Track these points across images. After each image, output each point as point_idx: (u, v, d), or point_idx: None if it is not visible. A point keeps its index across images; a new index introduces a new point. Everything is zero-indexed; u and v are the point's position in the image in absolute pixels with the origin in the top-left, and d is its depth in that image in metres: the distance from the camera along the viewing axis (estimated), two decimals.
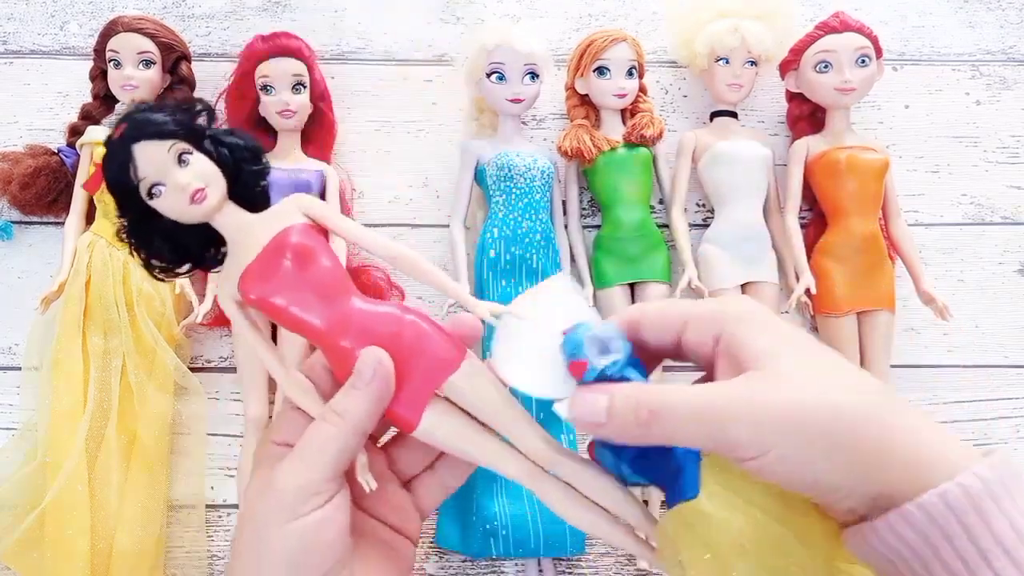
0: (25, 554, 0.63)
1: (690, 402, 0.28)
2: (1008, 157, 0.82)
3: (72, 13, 0.81)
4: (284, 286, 0.34)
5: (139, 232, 0.35)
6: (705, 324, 0.30)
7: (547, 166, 0.73)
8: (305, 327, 0.34)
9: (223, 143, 0.36)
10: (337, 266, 0.35)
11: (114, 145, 0.34)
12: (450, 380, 0.34)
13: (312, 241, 0.35)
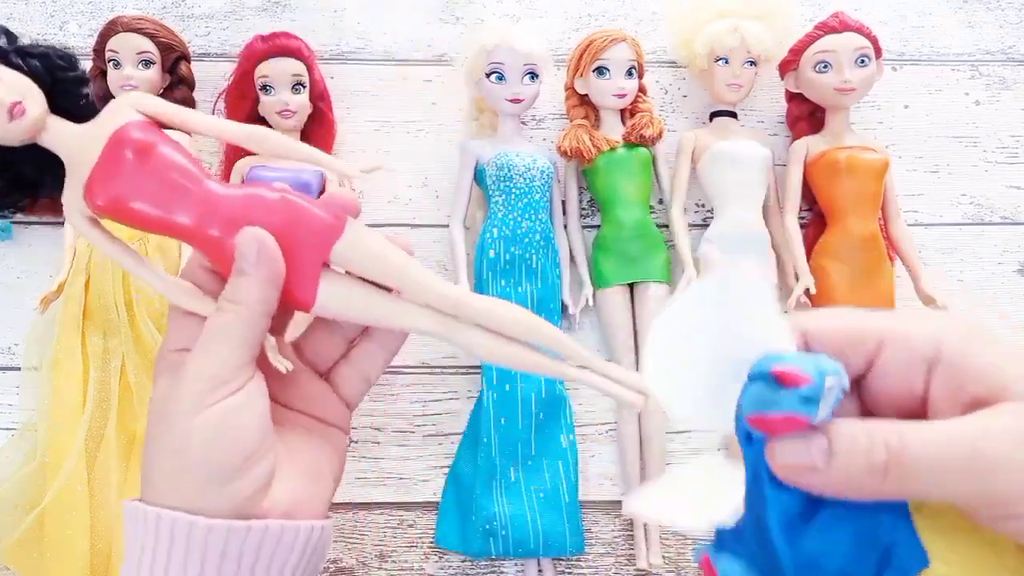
0: (25, 554, 0.63)
1: (948, 441, 0.21)
2: (1008, 157, 0.82)
3: (72, 13, 0.81)
4: (133, 186, 0.32)
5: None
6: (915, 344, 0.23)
7: (547, 166, 0.73)
8: (169, 226, 0.32)
9: (31, 54, 0.33)
10: (184, 154, 0.33)
11: None
12: (335, 249, 0.32)
13: (153, 134, 0.33)
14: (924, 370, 0.23)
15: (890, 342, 0.23)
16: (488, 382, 0.71)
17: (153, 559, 0.29)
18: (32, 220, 0.76)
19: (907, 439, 0.21)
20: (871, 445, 0.21)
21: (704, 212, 0.80)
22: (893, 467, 0.21)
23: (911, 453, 0.21)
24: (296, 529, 0.30)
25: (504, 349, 0.32)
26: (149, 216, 0.32)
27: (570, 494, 0.69)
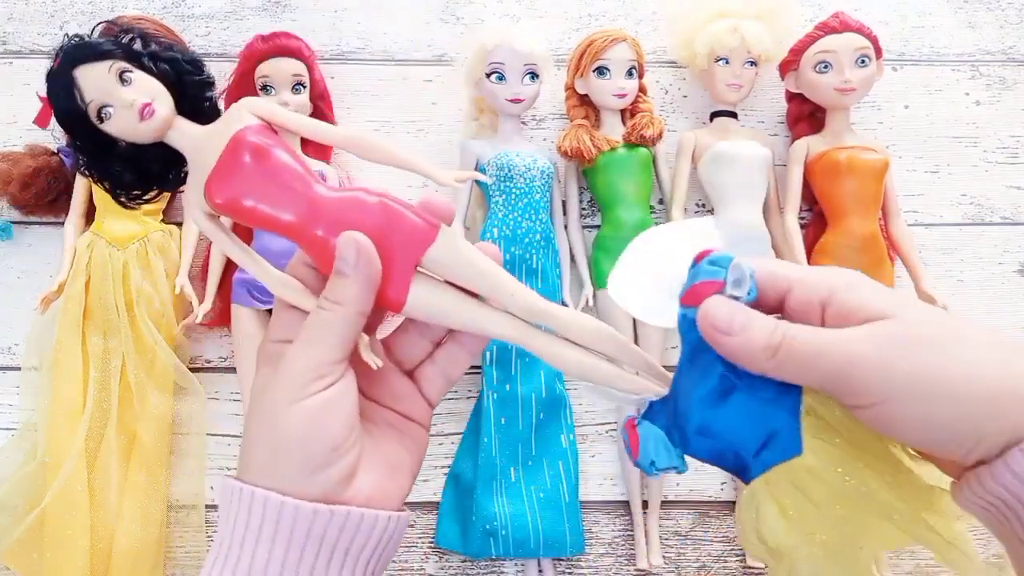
0: (25, 554, 0.63)
1: (821, 338, 0.28)
2: (1008, 157, 0.82)
3: (72, 13, 0.81)
4: (248, 185, 0.34)
5: (98, 161, 0.36)
6: (814, 287, 0.29)
7: (547, 166, 0.73)
8: (277, 223, 0.34)
9: (162, 58, 0.36)
10: (297, 158, 0.35)
11: (55, 75, 0.35)
12: (429, 253, 0.34)
13: (268, 138, 0.35)
14: (819, 308, 0.29)
15: (796, 285, 0.30)
16: (488, 382, 0.71)
17: (245, 532, 0.31)
18: (32, 220, 0.76)
19: (797, 333, 0.28)
20: (773, 330, 0.28)
21: (704, 212, 0.80)
22: (782, 349, 0.28)
23: (797, 342, 0.28)
24: (375, 517, 0.32)
25: (580, 358, 0.34)
26: (261, 214, 0.34)
27: (570, 494, 0.69)
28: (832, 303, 0.29)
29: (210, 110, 0.37)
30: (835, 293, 0.29)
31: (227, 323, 0.72)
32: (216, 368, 0.73)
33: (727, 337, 0.29)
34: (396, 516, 0.33)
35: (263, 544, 0.31)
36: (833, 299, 0.29)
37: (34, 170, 0.72)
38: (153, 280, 0.70)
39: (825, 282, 0.29)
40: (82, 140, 0.35)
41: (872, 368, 0.27)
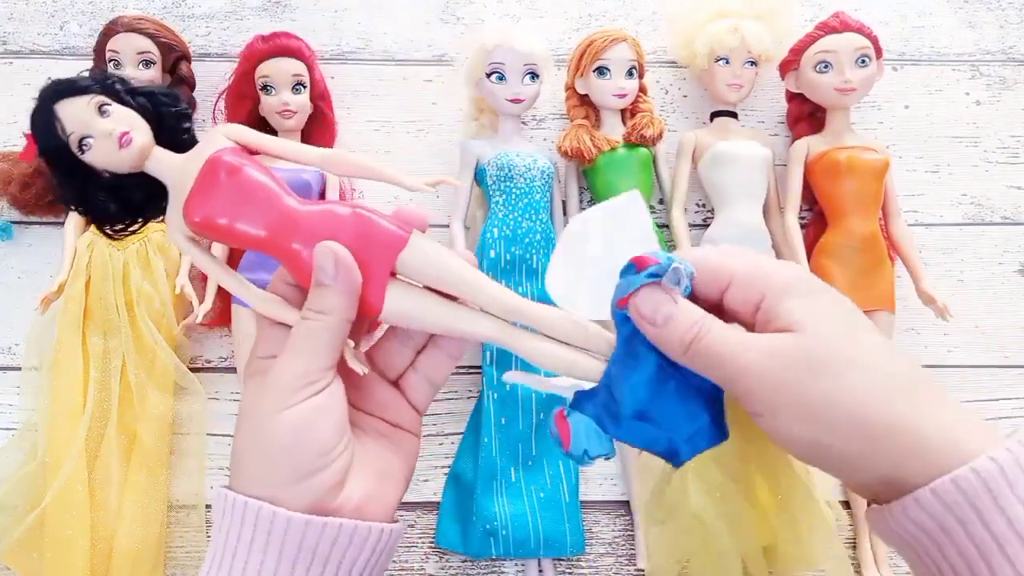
0: (25, 554, 0.63)
1: (726, 342, 0.29)
2: (1008, 157, 0.82)
3: (72, 13, 0.81)
4: (223, 204, 0.35)
5: (81, 194, 0.37)
6: (749, 288, 0.30)
7: (547, 166, 0.73)
8: (253, 240, 0.35)
9: (139, 92, 0.38)
10: (268, 175, 0.36)
11: (37, 111, 0.37)
12: (402, 258, 0.34)
13: (242, 159, 0.36)
14: (753, 309, 0.30)
15: (734, 283, 0.31)
16: (488, 382, 0.71)
17: (237, 543, 0.31)
18: (32, 220, 0.76)
19: (710, 334, 0.29)
20: (690, 326, 0.30)
21: (704, 212, 0.80)
22: (693, 346, 0.29)
23: (705, 343, 0.29)
24: (368, 530, 0.32)
25: (561, 353, 0.34)
26: (236, 231, 0.35)
27: (570, 494, 0.69)
28: (761, 307, 0.30)
29: (188, 141, 0.38)
30: (765, 297, 0.30)
31: (227, 323, 0.72)
32: (216, 368, 0.73)
33: (652, 327, 0.30)
34: (389, 528, 0.34)
35: (255, 555, 0.31)
36: (762, 303, 0.30)
37: (34, 170, 0.72)
38: (153, 280, 0.70)
39: (761, 283, 0.30)
40: (64, 173, 0.37)
41: (762, 382, 0.28)
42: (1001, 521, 0.25)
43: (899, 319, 0.73)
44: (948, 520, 0.26)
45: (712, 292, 0.31)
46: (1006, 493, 0.25)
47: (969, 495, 0.25)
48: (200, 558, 0.68)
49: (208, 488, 0.70)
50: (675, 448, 0.31)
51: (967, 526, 0.25)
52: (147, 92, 0.38)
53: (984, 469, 0.25)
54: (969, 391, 0.76)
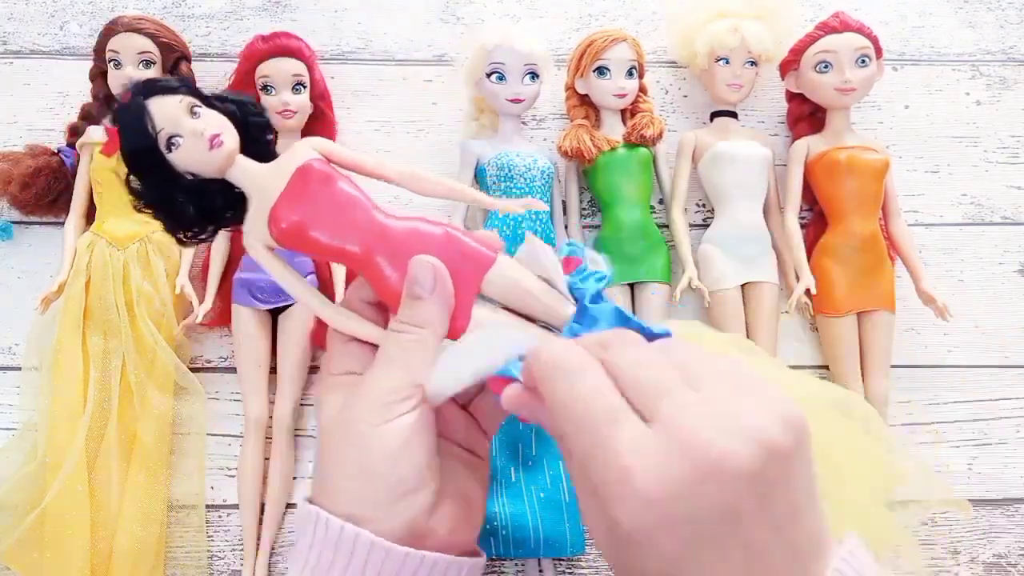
0: (25, 554, 0.63)
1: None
2: (1008, 157, 0.82)
3: (72, 13, 0.81)
4: (313, 216, 0.34)
5: (160, 195, 0.36)
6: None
7: (547, 166, 0.73)
8: (339, 251, 0.35)
9: (228, 99, 0.37)
10: (358, 189, 0.36)
11: (127, 106, 0.35)
12: (487, 277, 0.34)
13: (332, 170, 0.36)
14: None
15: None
16: None
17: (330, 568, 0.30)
18: (32, 220, 0.76)
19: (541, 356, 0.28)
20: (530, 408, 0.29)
21: (704, 212, 0.80)
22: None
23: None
24: (460, 565, 0.32)
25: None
26: (324, 243, 0.35)
27: (570, 494, 0.69)
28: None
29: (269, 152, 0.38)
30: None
31: (227, 323, 0.72)
32: (216, 368, 0.73)
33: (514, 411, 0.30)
34: (480, 563, 0.33)
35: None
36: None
37: (34, 170, 0.72)
38: (153, 280, 0.70)
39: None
40: (148, 172, 0.36)
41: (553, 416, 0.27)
42: None
43: (899, 319, 0.73)
44: None
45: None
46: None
47: None
48: (200, 558, 0.68)
49: (208, 488, 0.70)
50: None
51: None
52: (236, 100, 0.37)
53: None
54: (969, 391, 0.76)
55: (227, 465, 0.71)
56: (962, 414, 0.75)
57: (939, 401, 0.75)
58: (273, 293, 0.69)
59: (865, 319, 0.73)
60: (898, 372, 0.74)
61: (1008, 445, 0.74)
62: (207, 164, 0.35)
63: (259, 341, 0.70)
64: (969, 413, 0.75)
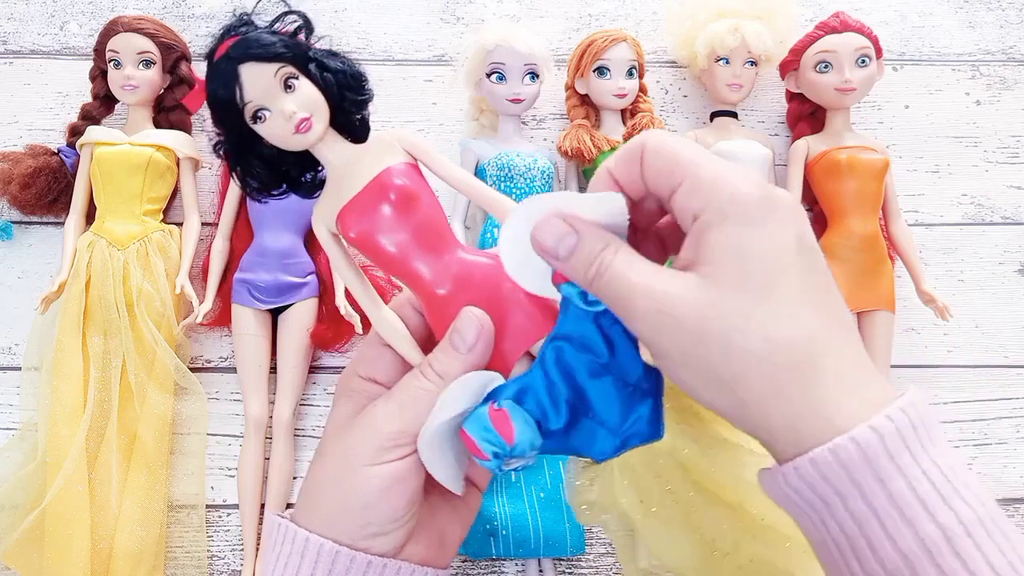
0: (25, 554, 0.63)
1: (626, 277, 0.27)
2: (1008, 157, 0.82)
3: (72, 13, 0.81)
4: (385, 227, 0.33)
5: (238, 155, 0.35)
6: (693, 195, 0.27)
7: (547, 166, 0.73)
8: (403, 270, 0.34)
9: (329, 69, 0.36)
10: (439, 212, 0.34)
11: (220, 63, 0.34)
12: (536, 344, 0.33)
13: (415, 185, 0.34)
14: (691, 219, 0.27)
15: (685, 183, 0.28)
16: None
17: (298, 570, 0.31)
18: (32, 220, 0.76)
19: (610, 268, 0.27)
20: (593, 259, 0.28)
21: None
22: (595, 281, 0.28)
23: (606, 279, 0.27)
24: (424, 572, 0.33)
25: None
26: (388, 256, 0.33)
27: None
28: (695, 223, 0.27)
29: (361, 128, 0.36)
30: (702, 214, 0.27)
31: (227, 323, 0.72)
32: (216, 368, 0.73)
33: (556, 261, 0.29)
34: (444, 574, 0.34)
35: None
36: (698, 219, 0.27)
37: (34, 170, 0.72)
38: (153, 280, 0.70)
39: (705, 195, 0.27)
40: (229, 131, 0.34)
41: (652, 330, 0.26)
42: (882, 495, 0.24)
43: (899, 319, 0.73)
44: (827, 492, 0.24)
45: (663, 188, 0.28)
46: (885, 465, 0.24)
47: (848, 467, 0.24)
48: (200, 558, 0.68)
49: (208, 488, 0.70)
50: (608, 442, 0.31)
51: (846, 500, 0.24)
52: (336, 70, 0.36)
53: (863, 439, 0.24)
54: (969, 391, 0.76)
55: (227, 465, 0.71)
56: (962, 414, 0.75)
57: (939, 401, 0.75)
58: (273, 293, 0.69)
59: (865, 319, 0.73)
60: (898, 372, 0.74)
61: (1008, 445, 0.74)
62: (291, 144, 0.34)
63: (259, 341, 0.70)
64: (969, 413, 0.75)
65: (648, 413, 0.30)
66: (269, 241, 0.70)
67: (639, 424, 0.30)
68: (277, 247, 0.70)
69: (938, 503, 0.23)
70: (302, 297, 0.70)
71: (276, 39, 0.35)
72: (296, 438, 0.71)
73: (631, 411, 0.30)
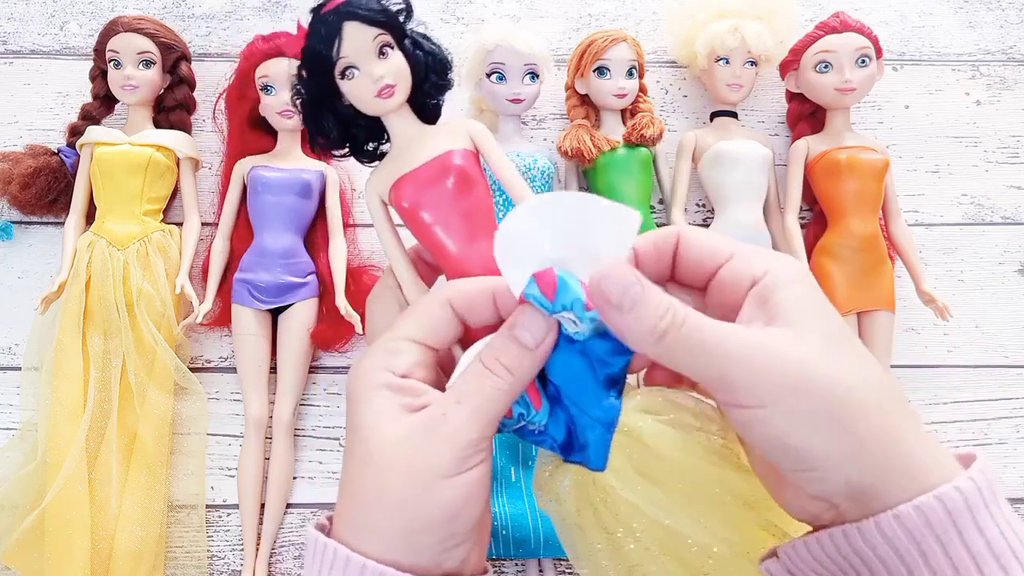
0: (25, 554, 0.63)
1: (708, 330, 0.26)
2: (1008, 157, 0.82)
3: (72, 13, 0.81)
4: (436, 203, 0.34)
5: (316, 106, 0.36)
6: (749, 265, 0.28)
7: (547, 166, 0.73)
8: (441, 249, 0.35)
9: (421, 47, 0.37)
10: (488, 202, 0.36)
11: (325, 16, 0.35)
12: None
13: (472, 171, 0.35)
14: (748, 285, 0.28)
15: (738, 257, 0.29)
16: None
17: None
18: (32, 220, 0.76)
19: (689, 320, 0.26)
20: (664, 312, 0.26)
21: (704, 212, 0.80)
22: (670, 333, 0.26)
23: (685, 330, 0.26)
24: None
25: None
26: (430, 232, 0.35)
27: None
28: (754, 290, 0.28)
29: (433, 111, 0.38)
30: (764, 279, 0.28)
31: (227, 323, 0.72)
32: (216, 368, 0.73)
33: (615, 312, 0.27)
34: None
35: None
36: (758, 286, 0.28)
37: (34, 170, 0.72)
38: (153, 280, 0.70)
39: (762, 264, 0.28)
40: (314, 82, 0.36)
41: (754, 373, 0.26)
42: (980, 541, 0.25)
43: (899, 319, 0.73)
44: (927, 539, 0.25)
45: (704, 266, 0.29)
46: (983, 513, 0.25)
47: (953, 514, 0.25)
48: (200, 558, 0.68)
49: (208, 488, 0.70)
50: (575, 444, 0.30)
51: (947, 546, 0.25)
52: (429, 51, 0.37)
53: (966, 489, 0.25)
54: (969, 391, 0.76)
55: (227, 465, 0.71)
56: (962, 414, 0.75)
57: (939, 401, 0.75)
58: (273, 293, 0.69)
59: (865, 319, 0.73)
60: (898, 372, 0.74)
61: (1008, 445, 0.74)
62: (369, 106, 0.35)
63: (259, 341, 0.70)
64: (969, 413, 0.75)
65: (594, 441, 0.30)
66: (269, 241, 0.71)
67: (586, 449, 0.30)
68: (277, 247, 0.70)
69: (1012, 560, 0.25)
70: (302, 297, 0.70)
71: (382, 7, 0.36)
72: (296, 438, 0.71)
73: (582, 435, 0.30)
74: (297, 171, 0.72)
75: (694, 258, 0.29)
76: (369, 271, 0.73)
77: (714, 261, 0.29)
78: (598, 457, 0.30)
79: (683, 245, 0.30)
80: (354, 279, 0.71)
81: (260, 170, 0.71)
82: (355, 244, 0.74)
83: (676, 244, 0.30)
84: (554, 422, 0.31)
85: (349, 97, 0.35)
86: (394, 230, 0.37)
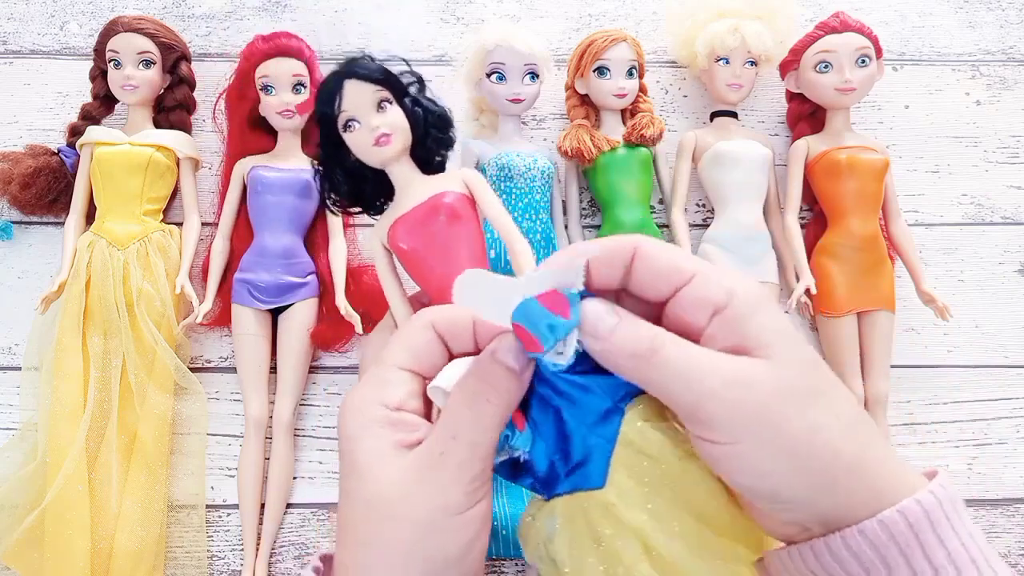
0: (25, 554, 0.63)
1: (687, 359, 0.26)
2: (1008, 157, 0.82)
3: (72, 13, 0.81)
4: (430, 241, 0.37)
5: (327, 162, 0.41)
6: (712, 289, 0.27)
7: (547, 166, 0.73)
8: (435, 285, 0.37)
9: (421, 104, 0.41)
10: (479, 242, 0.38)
11: (330, 77, 0.40)
12: None
13: (463, 210, 0.38)
14: (710, 313, 0.27)
15: (699, 280, 0.28)
16: None
17: None
18: (32, 220, 0.76)
19: (667, 346, 0.26)
20: (643, 337, 0.27)
21: (704, 212, 0.80)
22: (652, 359, 0.26)
23: (663, 356, 0.26)
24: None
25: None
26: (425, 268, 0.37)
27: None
28: (721, 315, 0.27)
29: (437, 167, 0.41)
30: (730, 306, 0.27)
31: (227, 323, 0.72)
32: (216, 368, 0.73)
33: (597, 342, 0.27)
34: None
35: None
36: (724, 311, 0.27)
37: (34, 170, 0.72)
38: (153, 280, 0.70)
39: (727, 288, 0.27)
40: (325, 139, 0.41)
41: (731, 410, 0.25)
42: (941, 553, 0.25)
43: (899, 319, 0.73)
44: (891, 552, 0.25)
45: (659, 287, 0.28)
46: (944, 525, 0.25)
47: (914, 527, 0.25)
48: (200, 558, 0.68)
49: (208, 488, 0.70)
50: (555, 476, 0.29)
51: (910, 559, 0.25)
52: (428, 110, 0.41)
53: (927, 502, 0.25)
54: (969, 391, 0.76)
55: (227, 465, 0.71)
56: (962, 414, 0.75)
57: (939, 401, 0.75)
58: (273, 293, 0.69)
59: (865, 319, 0.73)
60: (898, 372, 0.74)
61: (1008, 445, 0.74)
62: (370, 155, 0.39)
63: (259, 341, 0.70)
64: (969, 413, 0.75)
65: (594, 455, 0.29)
66: (269, 241, 0.70)
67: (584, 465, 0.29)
68: (277, 247, 0.70)
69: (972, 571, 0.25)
70: (302, 297, 0.70)
71: (380, 67, 0.40)
72: (296, 438, 0.71)
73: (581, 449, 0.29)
74: (297, 171, 0.72)
75: (650, 276, 0.28)
76: (369, 271, 0.73)
77: (673, 282, 0.28)
78: (598, 472, 0.28)
79: (640, 261, 0.28)
80: (354, 279, 0.71)
81: (260, 170, 0.71)
82: (355, 244, 0.74)
83: (632, 257, 0.29)
84: (536, 452, 0.30)
85: (351, 147, 0.39)
86: (395, 274, 0.40)
